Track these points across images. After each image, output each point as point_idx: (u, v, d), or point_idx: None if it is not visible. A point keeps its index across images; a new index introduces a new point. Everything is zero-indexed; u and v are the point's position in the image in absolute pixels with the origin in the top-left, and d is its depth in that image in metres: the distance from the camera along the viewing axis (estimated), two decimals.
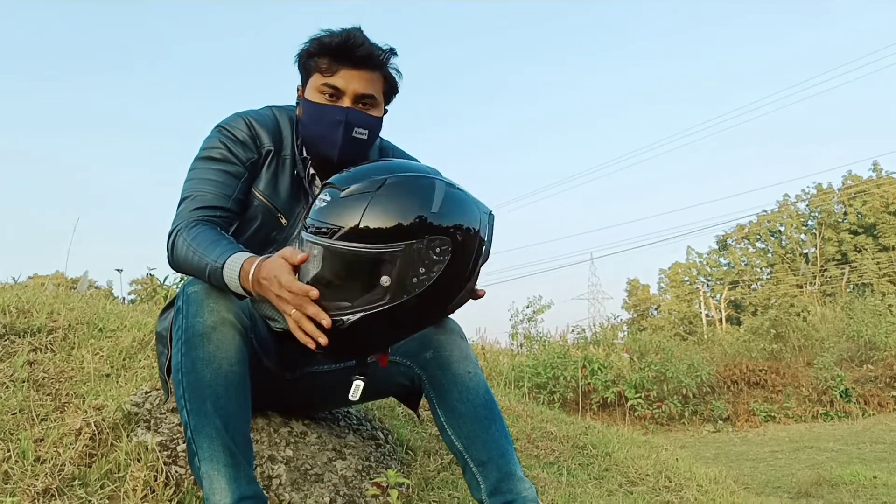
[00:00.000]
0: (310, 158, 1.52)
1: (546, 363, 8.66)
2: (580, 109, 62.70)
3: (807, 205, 33.48)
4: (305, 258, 1.18)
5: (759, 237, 35.62)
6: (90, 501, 1.38)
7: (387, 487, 1.57)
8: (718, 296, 33.44)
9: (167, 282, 4.19)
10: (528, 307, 9.97)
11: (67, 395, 1.78)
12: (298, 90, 1.53)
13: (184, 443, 1.55)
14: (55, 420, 1.63)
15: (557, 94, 61.44)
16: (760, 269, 35.31)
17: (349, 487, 1.66)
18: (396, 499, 1.53)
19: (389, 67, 1.48)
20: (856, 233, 30.92)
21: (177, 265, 1.37)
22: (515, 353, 9.62)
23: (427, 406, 1.56)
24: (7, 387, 1.75)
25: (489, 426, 1.45)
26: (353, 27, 1.43)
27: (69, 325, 2.25)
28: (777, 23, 53.81)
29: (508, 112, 62.93)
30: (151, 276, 4.54)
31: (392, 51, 1.46)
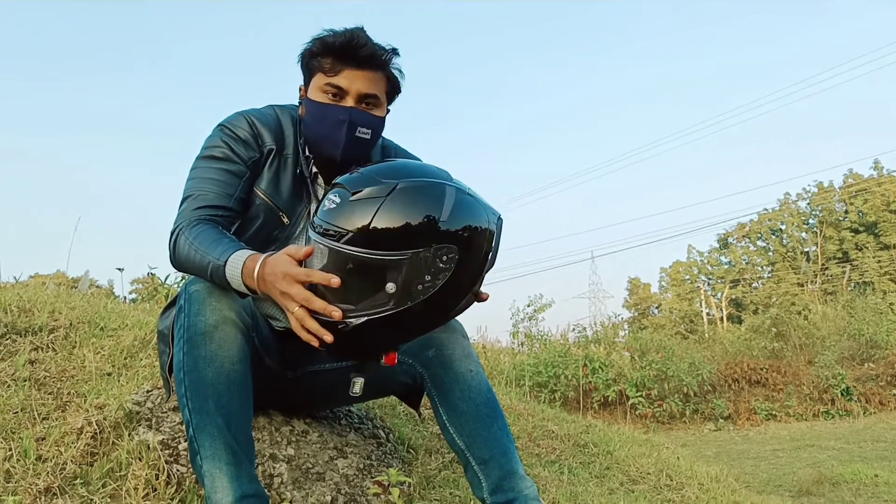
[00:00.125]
0: (312, 157, 1.52)
1: (547, 362, 8.67)
2: (580, 109, 62.76)
3: (808, 203, 33.45)
4: (310, 252, 1.18)
5: (760, 235, 35.60)
6: (92, 500, 1.38)
7: (388, 486, 1.57)
8: (719, 294, 33.43)
9: (168, 281, 4.20)
10: (529, 306, 9.99)
11: (69, 394, 1.78)
12: (301, 89, 1.53)
13: (185, 441, 1.55)
14: (57, 419, 1.63)
15: (557, 94, 61.51)
16: (761, 268, 35.29)
17: (350, 486, 1.66)
18: (398, 497, 1.53)
19: (392, 67, 1.48)
20: (857, 231, 30.89)
21: (179, 264, 1.36)
22: (516, 352, 9.63)
23: (428, 404, 1.56)
24: (9, 386, 1.75)
25: (491, 424, 1.45)
26: (356, 27, 1.43)
27: (70, 324, 2.26)
28: (777, 23, 53.84)
29: (508, 112, 63.00)
30: (152, 276, 4.54)
31: (395, 51, 1.46)
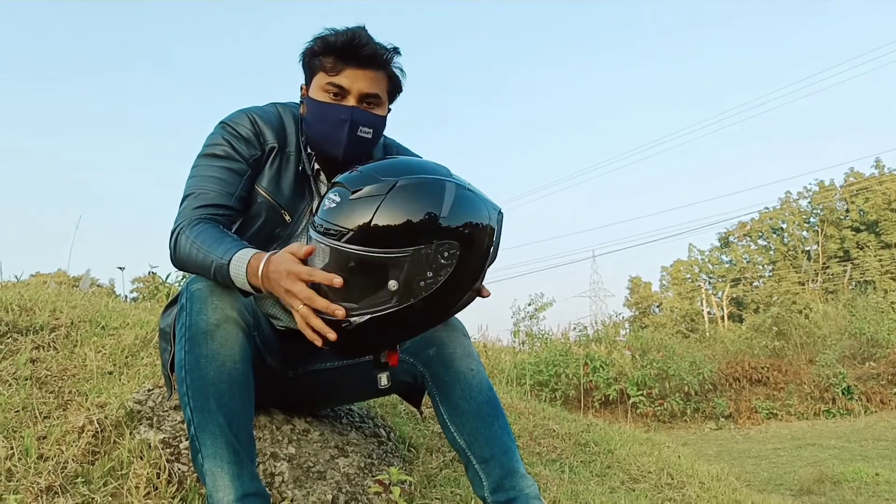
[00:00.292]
0: (314, 155, 1.52)
1: (548, 361, 8.66)
2: (580, 109, 62.77)
3: (809, 202, 33.43)
4: (312, 250, 1.18)
5: (761, 234, 35.58)
6: (93, 499, 1.38)
7: (389, 485, 1.58)
8: (720, 293, 33.43)
9: (169, 280, 4.20)
10: (530, 304, 9.97)
11: (70, 393, 1.78)
12: (302, 88, 1.53)
13: (187, 440, 1.55)
14: (58, 418, 1.64)
15: (557, 94, 61.53)
16: (762, 267, 35.28)
17: (352, 485, 1.66)
18: (399, 496, 1.53)
19: (393, 66, 1.48)
20: (858, 230, 30.86)
21: (180, 263, 1.36)
22: (517, 351, 9.62)
23: (429, 403, 1.56)
24: (10, 384, 1.75)
25: (492, 423, 1.45)
26: (358, 26, 1.43)
27: (72, 323, 2.26)
28: (777, 22, 53.82)
29: (508, 112, 63.02)
30: (153, 275, 4.54)
31: (396, 50, 1.46)
